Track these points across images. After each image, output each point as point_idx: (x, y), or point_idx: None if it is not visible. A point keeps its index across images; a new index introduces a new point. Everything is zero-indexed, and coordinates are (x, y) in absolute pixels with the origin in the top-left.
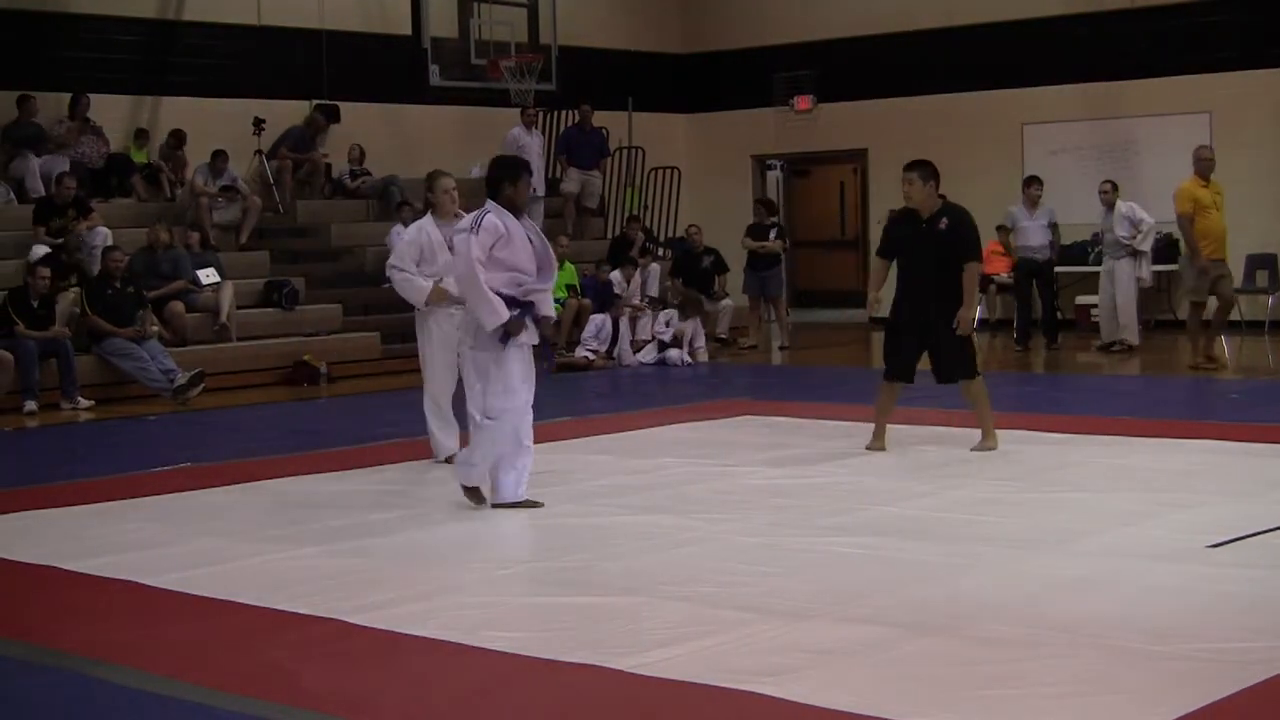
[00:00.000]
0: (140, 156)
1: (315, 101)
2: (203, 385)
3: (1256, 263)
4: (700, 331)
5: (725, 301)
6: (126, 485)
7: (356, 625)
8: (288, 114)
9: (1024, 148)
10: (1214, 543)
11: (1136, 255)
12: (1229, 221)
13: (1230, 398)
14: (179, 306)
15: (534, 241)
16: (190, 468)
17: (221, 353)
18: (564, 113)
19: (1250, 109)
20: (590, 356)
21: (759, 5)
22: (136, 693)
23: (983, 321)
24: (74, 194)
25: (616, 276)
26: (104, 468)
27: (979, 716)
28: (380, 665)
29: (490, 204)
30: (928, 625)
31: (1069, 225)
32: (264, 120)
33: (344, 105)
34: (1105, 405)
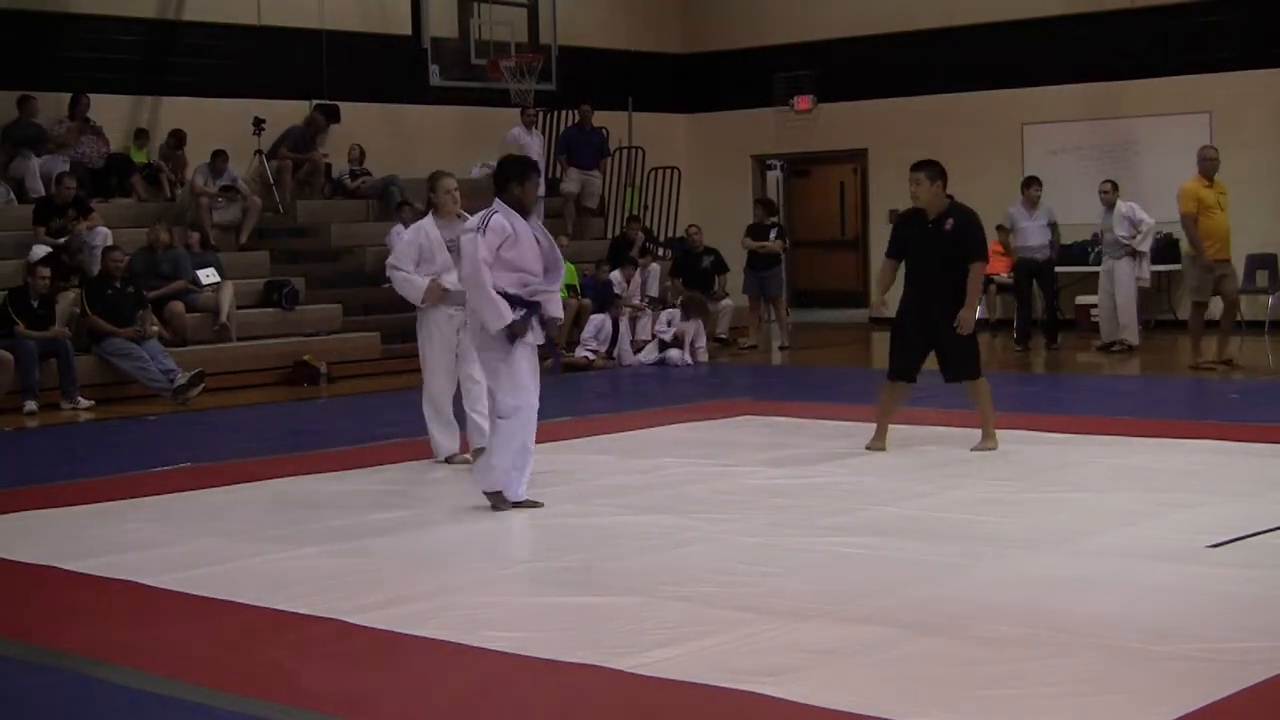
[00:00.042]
0: (140, 156)
1: (315, 101)
2: (203, 385)
3: (1257, 263)
4: (702, 332)
5: (725, 301)
6: (126, 485)
7: (356, 625)
8: (288, 114)
9: (1024, 148)
10: (1214, 543)
11: (1136, 255)
12: (1230, 221)
13: (1230, 398)
14: (179, 306)
15: (541, 242)
16: (190, 468)
17: (221, 353)
18: (564, 113)
19: (1250, 109)
20: (590, 356)
21: (759, 5)
22: (136, 693)
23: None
24: (74, 194)
25: (616, 276)
26: (104, 468)
27: (979, 716)
28: (380, 665)
29: (498, 204)
30: (928, 625)
31: (1069, 225)
32: (264, 120)
33: (344, 105)
34: (1105, 405)
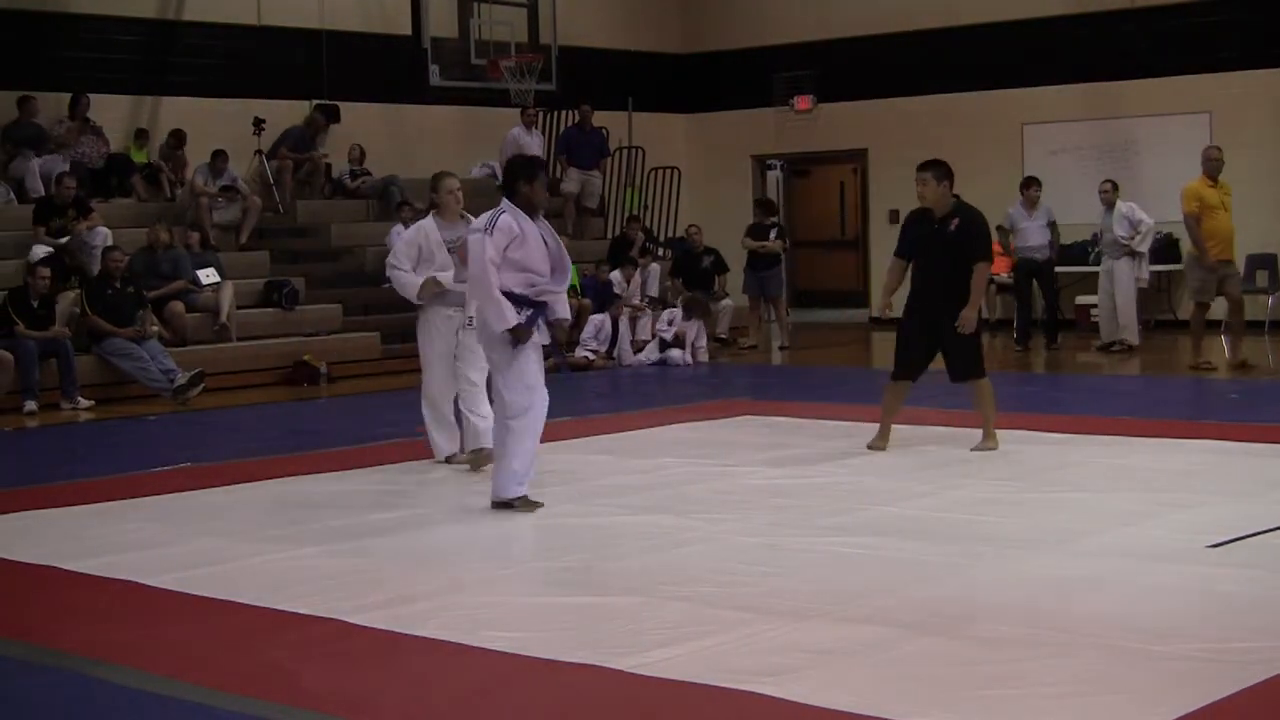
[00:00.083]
0: (140, 156)
1: (315, 101)
2: (203, 385)
3: (1256, 263)
4: (703, 332)
5: (725, 301)
6: (126, 485)
7: (356, 625)
8: (288, 114)
9: (1024, 148)
10: (1214, 543)
11: (1135, 255)
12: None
13: (1230, 398)
14: (179, 306)
15: (549, 242)
16: (190, 468)
17: (221, 353)
18: (564, 113)
19: (1250, 109)
20: (590, 356)
21: (759, 5)
22: (136, 693)
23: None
24: (74, 194)
25: (616, 276)
26: (104, 468)
27: (979, 716)
28: (380, 665)
29: (505, 204)
30: (928, 625)
31: (1069, 225)
32: (264, 120)
33: (344, 105)
34: (1105, 405)
